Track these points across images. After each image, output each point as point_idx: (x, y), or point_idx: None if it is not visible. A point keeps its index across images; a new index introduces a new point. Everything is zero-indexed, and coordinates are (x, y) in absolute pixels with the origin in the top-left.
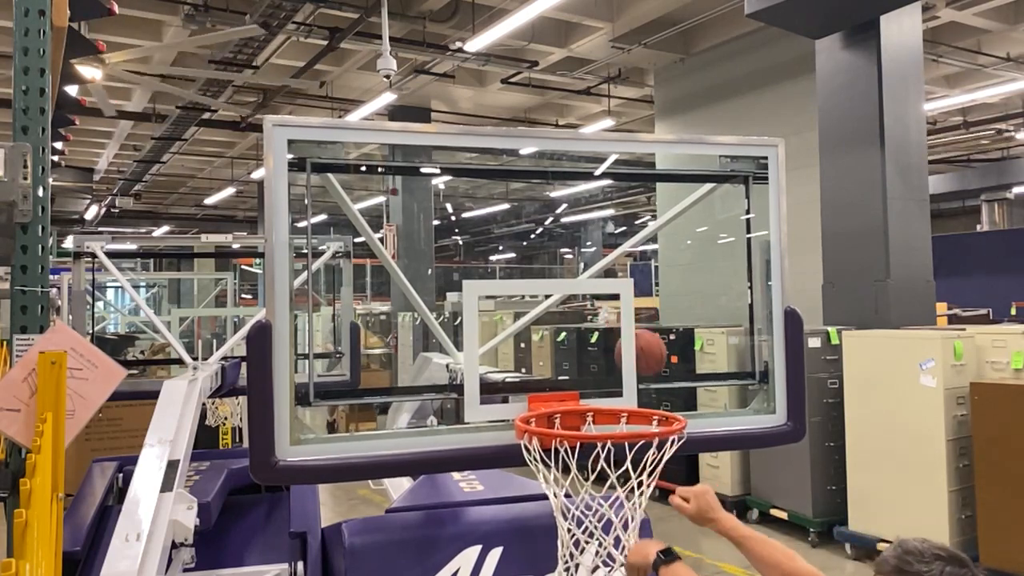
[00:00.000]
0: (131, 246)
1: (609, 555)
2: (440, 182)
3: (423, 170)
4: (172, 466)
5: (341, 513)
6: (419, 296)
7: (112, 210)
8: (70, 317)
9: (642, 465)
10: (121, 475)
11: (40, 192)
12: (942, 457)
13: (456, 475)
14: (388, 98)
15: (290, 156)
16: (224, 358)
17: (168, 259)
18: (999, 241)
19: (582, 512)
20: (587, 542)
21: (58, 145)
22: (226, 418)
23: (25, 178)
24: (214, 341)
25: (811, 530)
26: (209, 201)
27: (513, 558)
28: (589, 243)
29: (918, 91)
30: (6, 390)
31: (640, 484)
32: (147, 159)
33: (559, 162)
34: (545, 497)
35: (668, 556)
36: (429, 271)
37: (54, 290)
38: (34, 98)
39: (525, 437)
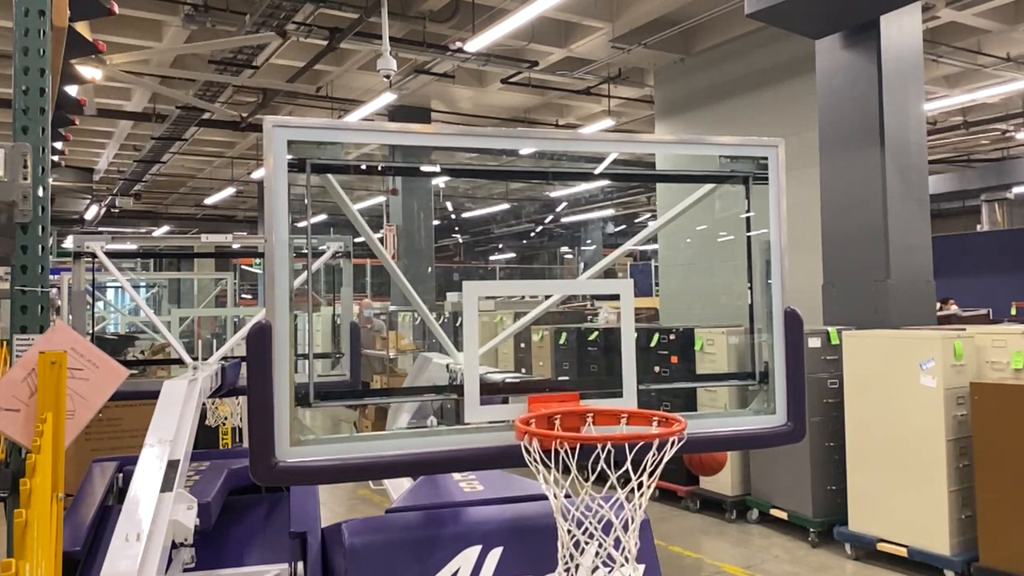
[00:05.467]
0: (131, 246)
1: (609, 556)
2: (440, 182)
3: (423, 170)
4: (172, 466)
5: (341, 513)
6: (419, 296)
7: (112, 210)
8: (70, 317)
9: (642, 466)
10: (121, 475)
11: (40, 192)
12: (942, 457)
13: (456, 475)
14: (388, 98)
15: (290, 156)
16: (224, 358)
17: (168, 259)
18: (999, 241)
19: (582, 513)
20: (587, 543)
21: (58, 145)
22: (226, 418)
23: (25, 178)
24: (214, 341)
25: (811, 530)
26: (209, 201)
27: (513, 558)
28: (589, 243)
29: (918, 91)
30: (6, 390)
31: (640, 485)
32: (147, 159)
33: (559, 162)
34: (545, 497)
35: None
36: (429, 271)
37: (54, 290)
38: (34, 98)
39: (525, 438)
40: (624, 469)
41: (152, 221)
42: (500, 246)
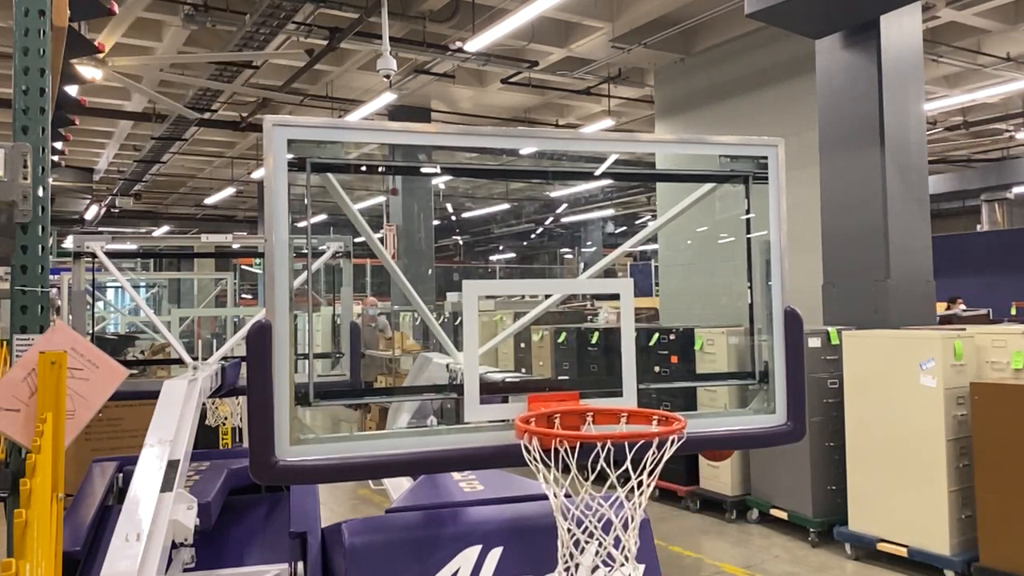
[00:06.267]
0: (131, 246)
1: (609, 555)
2: (440, 182)
3: (423, 170)
4: (172, 466)
5: (341, 513)
6: (419, 296)
7: (112, 210)
8: (70, 317)
9: (642, 465)
10: (121, 475)
11: (40, 192)
12: (942, 457)
13: (456, 475)
14: (388, 98)
15: (290, 156)
16: (224, 358)
17: (168, 259)
18: (999, 241)
19: (582, 512)
20: (587, 542)
21: (58, 145)
22: (226, 418)
23: (25, 178)
24: (214, 341)
25: (811, 530)
26: (209, 201)
27: (513, 558)
28: (589, 243)
29: (918, 91)
30: (6, 390)
31: (640, 484)
32: (147, 159)
33: (559, 162)
34: (545, 497)
35: None
36: (429, 271)
37: (54, 290)
38: (34, 98)
39: (525, 437)
40: (624, 468)
41: (152, 221)
42: (500, 246)
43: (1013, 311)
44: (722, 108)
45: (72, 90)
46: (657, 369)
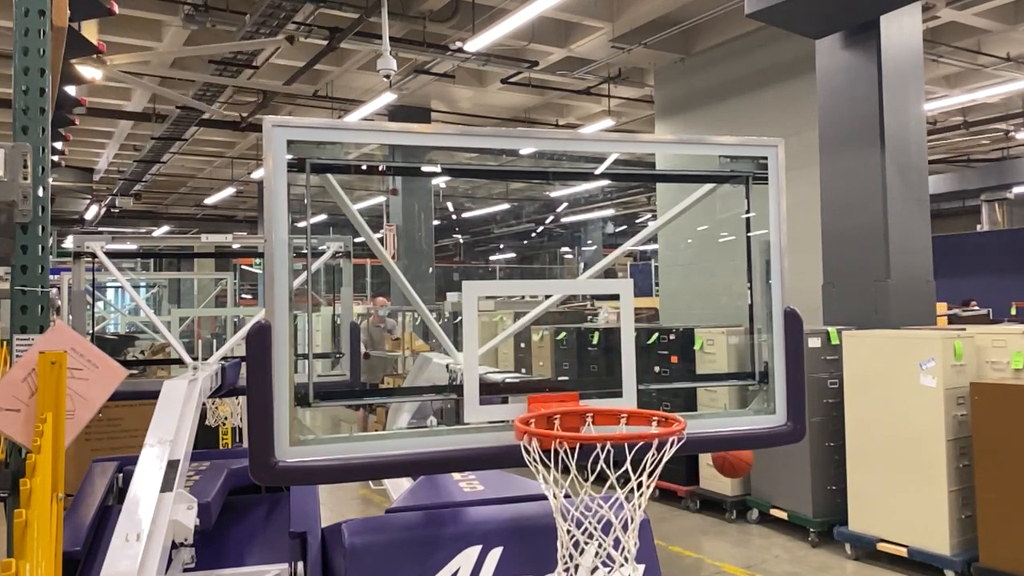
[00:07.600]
0: (131, 246)
1: (609, 556)
2: (440, 182)
3: (423, 170)
4: (172, 466)
5: (341, 513)
6: (419, 296)
7: (112, 210)
8: (70, 317)
9: (642, 466)
10: (121, 475)
11: (40, 192)
12: (942, 457)
13: (456, 475)
14: (388, 98)
15: (290, 156)
16: (224, 358)
17: (168, 259)
18: (999, 241)
19: (582, 513)
20: (587, 543)
21: (58, 145)
22: (226, 418)
23: (25, 178)
24: (214, 341)
25: (811, 530)
26: (209, 201)
27: (513, 558)
28: (589, 243)
29: (918, 91)
30: (6, 390)
31: (640, 485)
32: (147, 159)
33: (559, 162)
34: (545, 497)
35: None
36: (429, 271)
37: (54, 290)
38: (34, 98)
39: (524, 438)
40: (624, 469)
41: (152, 221)
42: (500, 246)
43: (1013, 311)
44: (722, 108)
45: (72, 90)
46: (657, 369)
